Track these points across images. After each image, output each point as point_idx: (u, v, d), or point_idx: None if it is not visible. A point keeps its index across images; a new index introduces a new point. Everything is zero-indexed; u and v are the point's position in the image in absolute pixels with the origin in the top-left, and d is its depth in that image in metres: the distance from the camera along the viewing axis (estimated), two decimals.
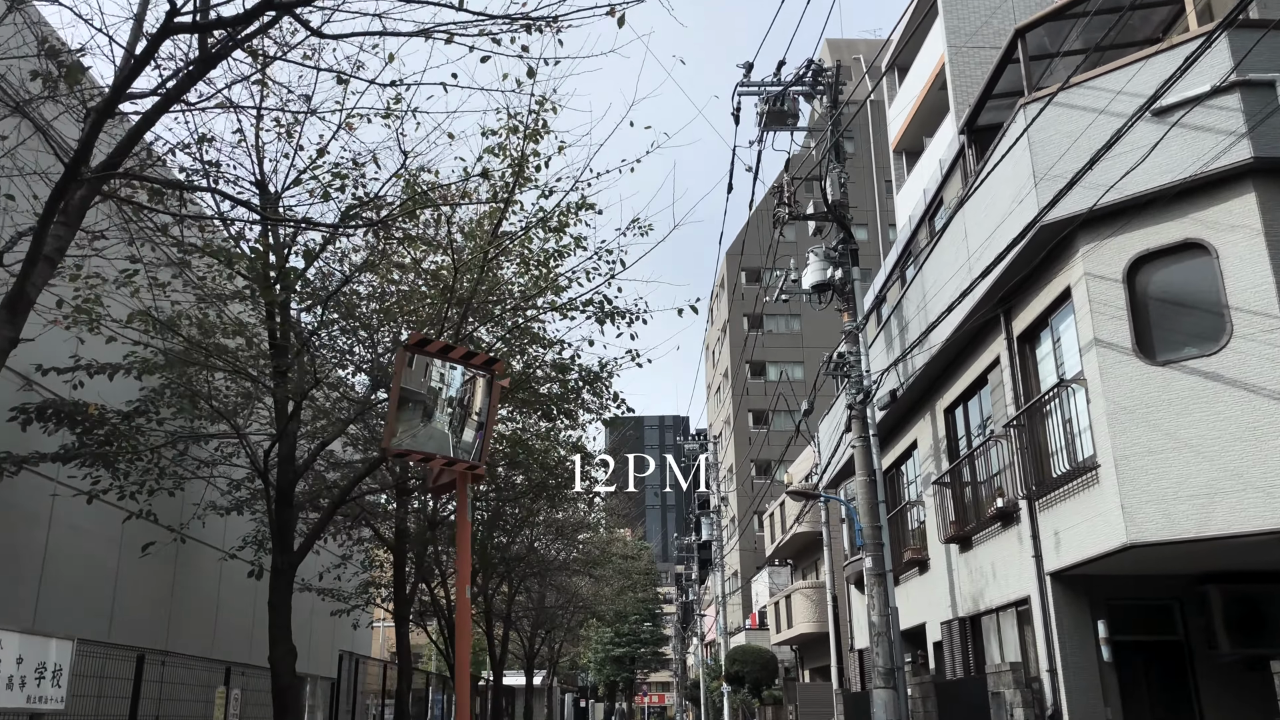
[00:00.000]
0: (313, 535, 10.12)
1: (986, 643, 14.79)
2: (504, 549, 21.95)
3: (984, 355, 14.37)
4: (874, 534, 15.63)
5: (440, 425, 5.73)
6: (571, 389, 11.42)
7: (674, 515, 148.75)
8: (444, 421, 5.76)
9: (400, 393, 5.43)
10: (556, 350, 11.08)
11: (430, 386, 5.66)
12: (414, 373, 5.57)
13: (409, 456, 5.57)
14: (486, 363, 5.86)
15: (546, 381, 11.83)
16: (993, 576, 14.13)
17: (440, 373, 5.71)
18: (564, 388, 11.52)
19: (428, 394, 5.64)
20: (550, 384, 11.69)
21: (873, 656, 15.29)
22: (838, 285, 17.05)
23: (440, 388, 5.74)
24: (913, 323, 16.40)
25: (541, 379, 11.62)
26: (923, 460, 17.62)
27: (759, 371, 63.66)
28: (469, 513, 5.85)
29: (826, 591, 24.30)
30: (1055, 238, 11.54)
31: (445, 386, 5.76)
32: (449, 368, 5.74)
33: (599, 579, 30.54)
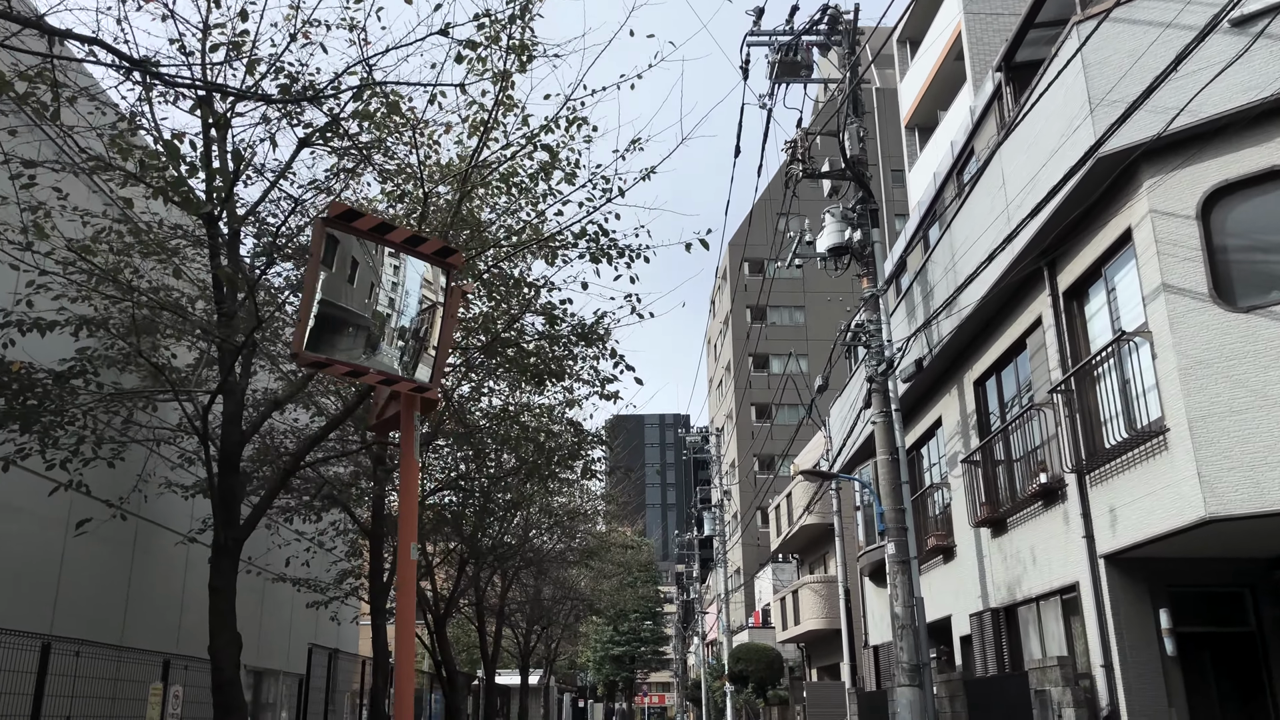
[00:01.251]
0: (261, 506, 8.71)
1: (1024, 636, 13.37)
2: (496, 539, 20.55)
3: (1022, 317, 12.95)
4: (897, 517, 14.23)
5: (376, 331, 4.32)
6: (562, 343, 9.99)
7: (674, 514, 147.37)
8: (381, 326, 4.35)
9: (318, 282, 4.02)
10: (544, 292, 9.63)
11: (361, 277, 4.25)
12: (340, 258, 4.16)
13: (330, 369, 4.14)
14: (441, 251, 4.45)
15: (534, 339, 10.41)
16: (1032, 562, 12.72)
17: (376, 261, 4.30)
18: (553, 343, 10.10)
19: (358, 286, 4.23)
20: (539, 340, 10.26)
21: (895, 652, 13.89)
22: (856, 248, 15.68)
23: (376, 280, 4.32)
24: (939, 287, 14.99)
25: (529, 337, 10.20)
26: (948, 439, 16.21)
27: (762, 364, 62.25)
28: (416, 450, 4.44)
29: (838, 585, 22.90)
30: (1113, 171, 10.12)
31: (383, 280, 4.35)
32: (388, 255, 4.33)
33: (598, 572, 29.09)
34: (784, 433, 54.26)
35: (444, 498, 16.41)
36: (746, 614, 53.24)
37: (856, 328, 15.78)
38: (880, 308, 15.23)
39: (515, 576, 24.82)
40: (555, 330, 9.87)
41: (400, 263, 4.43)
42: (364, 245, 4.26)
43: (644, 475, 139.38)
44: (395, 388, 4.39)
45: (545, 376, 10.46)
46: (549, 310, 9.60)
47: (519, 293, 9.49)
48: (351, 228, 4.15)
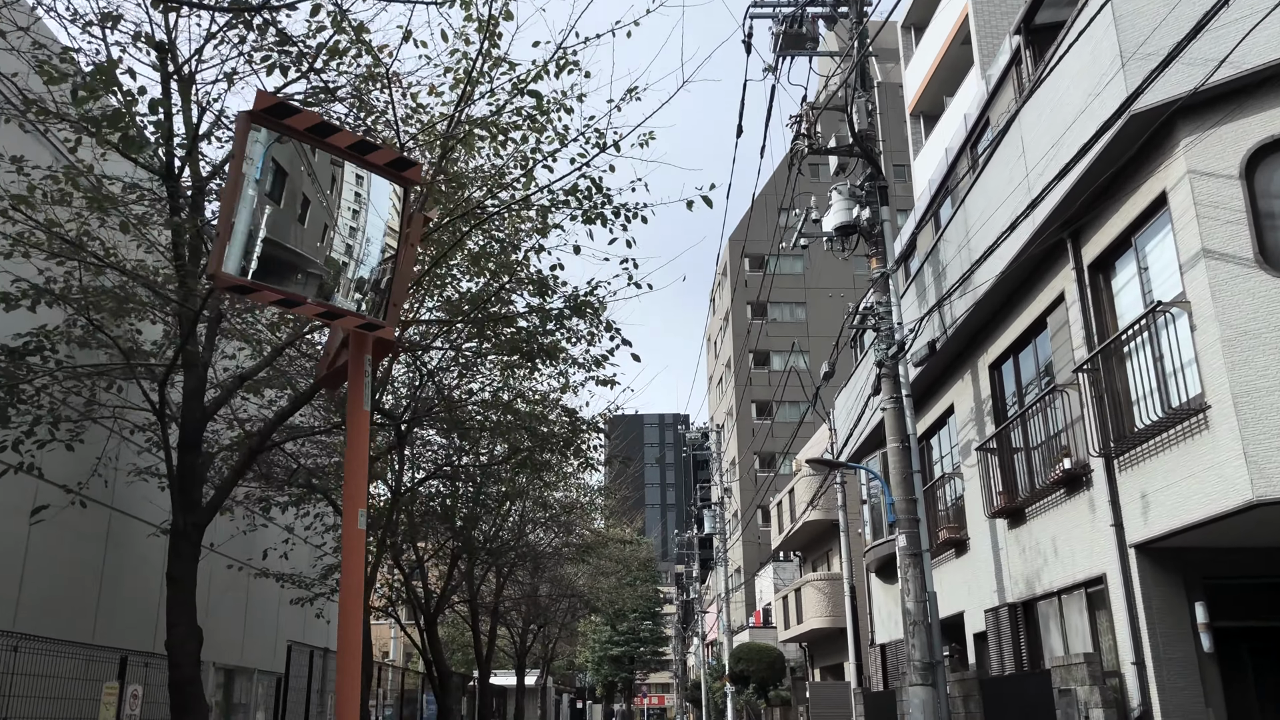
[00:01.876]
0: (225, 488, 7.98)
1: (1044, 632, 12.64)
2: (489, 534, 19.82)
3: (1042, 295, 12.23)
4: (908, 508, 13.53)
5: (317, 256, 3.59)
6: (554, 317, 9.25)
7: (674, 514, 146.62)
8: (325, 250, 3.62)
9: (240, 191, 3.30)
10: (534, 257, 8.89)
11: (297, 187, 3.52)
12: (272, 163, 3.44)
13: (257, 295, 3.41)
14: (396, 163, 3.72)
15: (524, 313, 9.68)
16: (1053, 554, 11.99)
17: (314, 169, 3.57)
18: (545, 318, 9.36)
19: (289, 197, 3.50)
20: (529, 314, 9.53)
21: (906, 649, 13.18)
22: (864, 227, 14.98)
23: (317, 194, 3.60)
24: (951, 266, 14.27)
25: (519, 311, 9.47)
26: (960, 427, 15.48)
27: (763, 361, 61.52)
28: (367, 396, 3.71)
29: (843, 582, 22.16)
30: (1147, 130, 9.39)
31: (325, 194, 3.62)
32: (330, 163, 3.60)
33: (595, 569, 28.33)
34: (785, 430, 53.55)
35: (433, 489, 15.69)
36: (747, 614, 52.51)
37: (865, 311, 15.08)
38: (890, 289, 14.55)
39: (511, 573, 24.09)
40: (546, 303, 9.15)
41: (349, 175, 3.71)
42: (303, 151, 3.54)
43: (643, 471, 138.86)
44: (340, 324, 3.66)
45: (537, 356, 9.73)
46: (539, 280, 8.87)
47: (506, 260, 8.76)
48: (283, 125, 3.42)
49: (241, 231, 3.36)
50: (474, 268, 8.78)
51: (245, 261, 3.37)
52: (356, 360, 3.73)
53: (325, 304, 3.56)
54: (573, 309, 9.07)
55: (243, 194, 3.33)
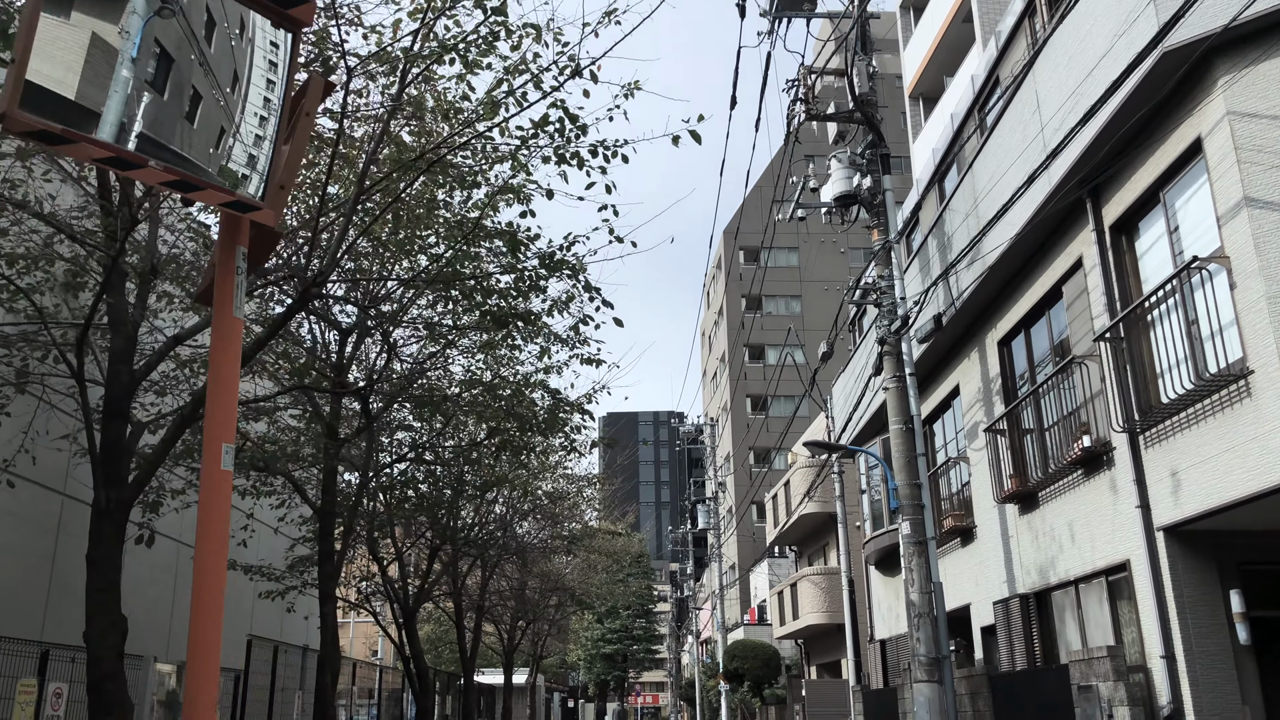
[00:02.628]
0: (155, 460, 7.08)
1: (1059, 625, 11.79)
2: (471, 523, 18.93)
3: (1057, 262, 11.37)
4: (912, 493, 12.69)
5: (166, 108, 2.71)
6: (528, 276, 8.37)
7: (668, 512, 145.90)
8: (179, 103, 2.74)
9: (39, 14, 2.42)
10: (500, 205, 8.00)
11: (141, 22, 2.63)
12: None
13: (74, 150, 2.51)
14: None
15: (495, 272, 8.80)
16: (1070, 540, 11.14)
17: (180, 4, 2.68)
18: (518, 278, 8.48)
19: (128, 29, 2.61)
20: (500, 274, 8.65)
21: (910, 644, 12.33)
22: (865, 196, 14.13)
23: (173, 27, 2.71)
24: (957, 235, 13.41)
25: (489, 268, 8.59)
26: (966, 409, 14.63)
27: (758, 355, 60.68)
28: (239, 301, 2.82)
29: (841, 576, 21.31)
30: (1180, 69, 8.53)
31: (186, 29, 2.73)
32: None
33: (586, 563, 27.48)
34: (780, 425, 52.66)
35: (408, 474, 14.80)
36: (742, 611, 51.68)
37: (865, 286, 14.23)
38: (892, 261, 13.71)
39: (497, 567, 23.20)
40: (519, 261, 8.26)
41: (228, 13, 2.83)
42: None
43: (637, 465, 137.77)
44: (198, 197, 2.77)
45: (510, 322, 8.85)
46: (509, 233, 7.98)
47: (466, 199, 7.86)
48: None
49: (56, 60, 2.48)
50: (433, 217, 7.90)
51: (60, 103, 2.49)
52: (225, 249, 2.85)
53: (177, 170, 2.67)
54: (548, 267, 8.18)
55: (39, 16, 2.44)
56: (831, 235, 62.61)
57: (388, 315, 11.73)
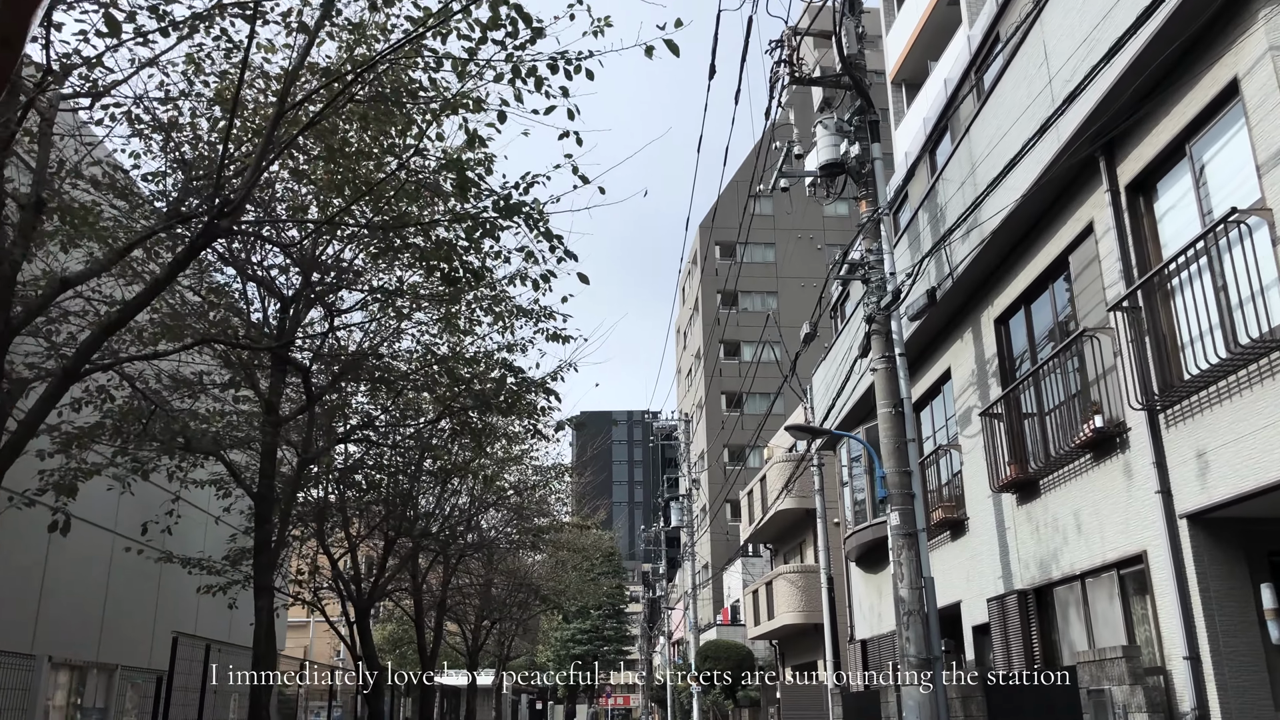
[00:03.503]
0: (30, 424, 6.00)
1: (1062, 623, 10.88)
2: (431, 515, 17.85)
3: (1064, 230, 10.47)
4: (902, 481, 11.76)
5: None
6: (482, 224, 7.34)
7: (641, 512, 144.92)
8: None
9: None
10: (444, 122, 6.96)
11: None
12: None
13: None
14: None
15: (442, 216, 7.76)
16: (1076, 531, 10.23)
17: None
18: (471, 228, 7.44)
19: None
20: (449, 221, 7.62)
21: (899, 643, 11.41)
22: (853, 165, 13.22)
23: None
24: (952, 205, 12.51)
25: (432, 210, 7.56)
26: (958, 394, 13.73)
27: (733, 351, 59.84)
28: None
29: (820, 573, 20.38)
30: (1214, 3, 7.63)
31: None
32: None
33: (555, 559, 26.41)
34: (755, 422, 51.82)
35: (358, 456, 13.72)
36: (714, 611, 50.80)
37: (852, 261, 13.29)
38: (882, 233, 12.80)
39: (460, 563, 22.10)
40: (466, 200, 7.23)
41: None
42: None
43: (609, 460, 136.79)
44: None
45: (461, 279, 7.83)
46: (457, 163, 6.93)
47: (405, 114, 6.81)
48: None
49: None
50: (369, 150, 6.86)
51: None
52: None
53: None
54: (503, 211, 7.16)
55: None
56: (809, 231, 61.92)
57: (331, 278, 10.67)
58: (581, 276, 7.85)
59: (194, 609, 17.59)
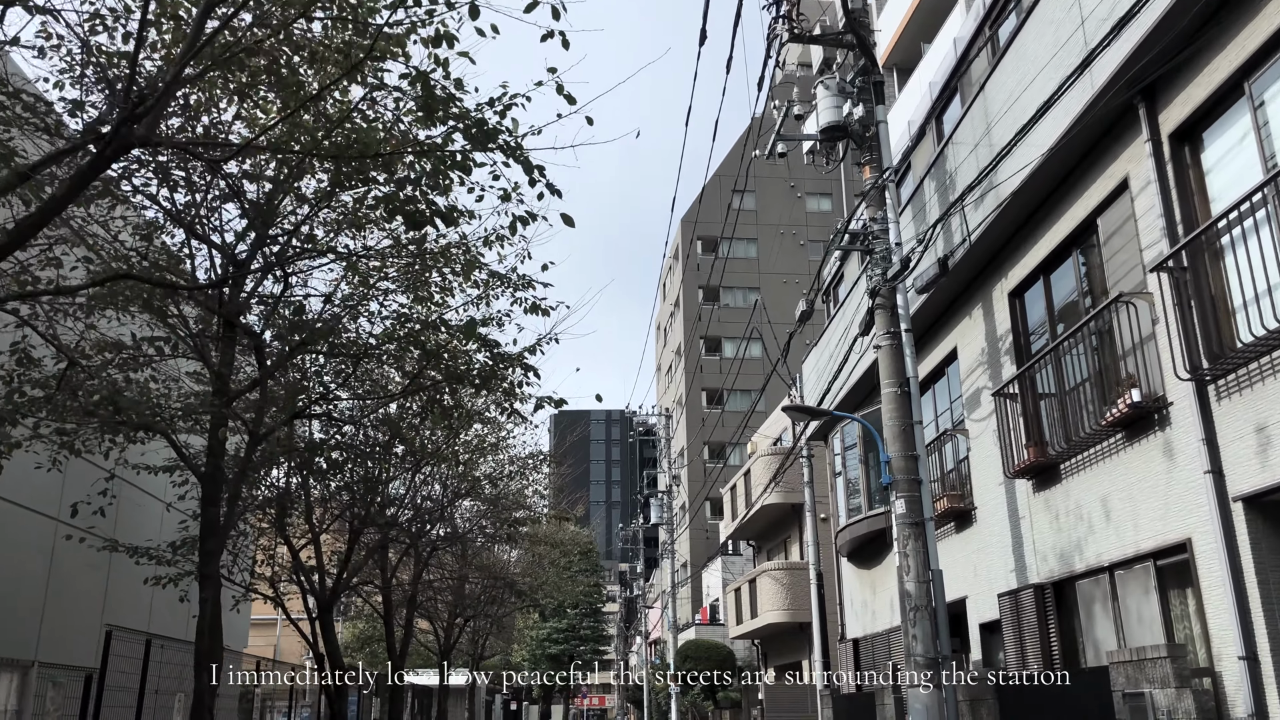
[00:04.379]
0: None
1: (1085, 620, 9.98)
2: (398, 503, 16.81)
3: (1093, 188, 9.57)
4: (908, 467, 10.86)
5: None
6: (449, 156, 6.35)
7: (618, 512, 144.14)
8: None
9: None
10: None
11: None
12: None
13: None
14: None
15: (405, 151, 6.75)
16: (1104, 518, 9.34)
17: None
18: (437, 160, 6.45)
19: None
20: (413, 150, 6.61)
21: (905, 642, 10.47)
22: (856, 129, 12.33)
23: None
24: (963, 171, 11.61)
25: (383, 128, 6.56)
26: (966, 374, 12.83)
27: (714, 348, 58.93)
28: None
29: (809, 569, 19.46)
30: None
31: None
32: None
33: (531, 554, 25.37)
34: (736, 420, 50.91)
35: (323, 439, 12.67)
36: (693, 611, 49.86)
37: (854, 231, 12.36)
38: (887, 201, 11.89)
39: (432, 557, 21.04)
40: (433, 122, 6.23)
41: None
42: None
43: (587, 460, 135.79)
44: None
45: (425, 217, 6.82)
46: (422, 76, 5.92)
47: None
48: None
49: None
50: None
51: None
52: None
53: None
54: (475, 137, 6.16)
55: None
56: (791, 227, 61.09)
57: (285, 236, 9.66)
58: (566, 219, 6.87)
59: (146, 604, 16.45)
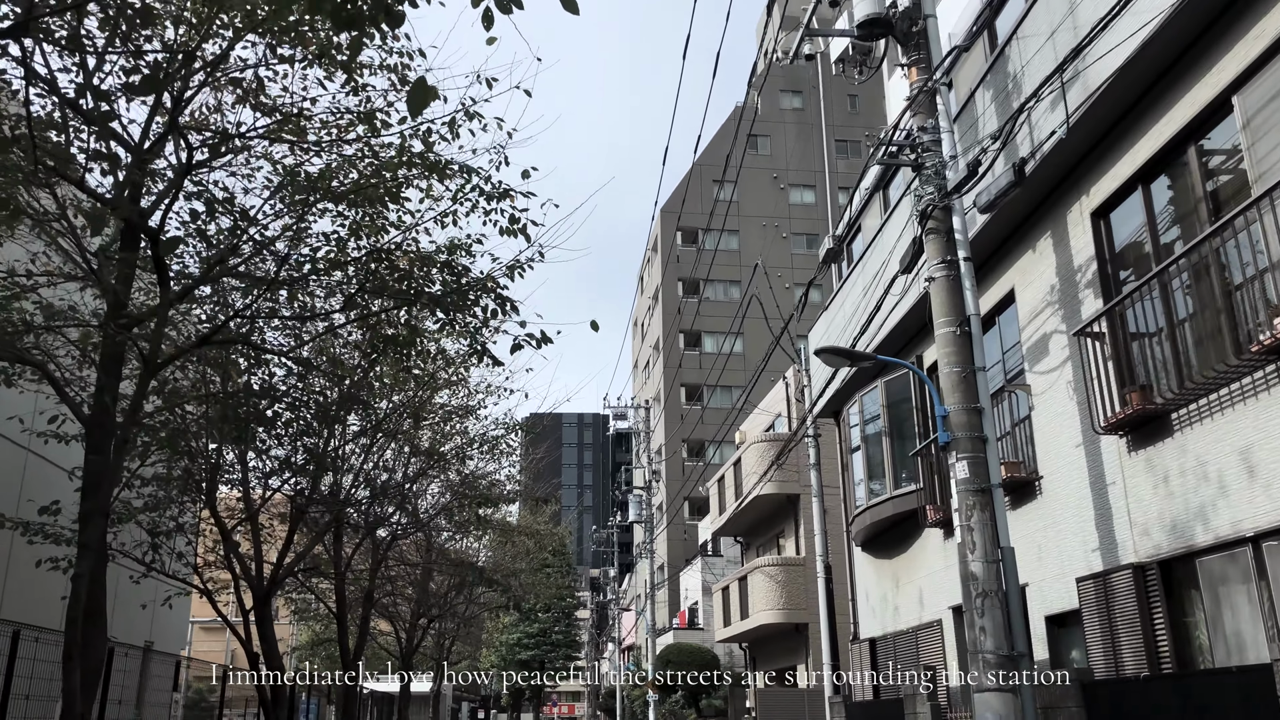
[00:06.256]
0: None
1: (1208, 607, 7.91)
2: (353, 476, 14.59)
3: (1227, 59, 7.55)
4: (970, 422, 8.93)
5: None
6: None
7: (590, 517, 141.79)
8: None
9: None
10: None
11: None
12: None
13: None
14: None
15: None
16: (1246, 477, 7.29)
17: None
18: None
19: None
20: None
21: (972, 635, 8.45)
22: (901, 23, 10.35)
23: None
24: (1032, 69, 9.58)
25: None
26: (1027, 320, 10.79)
27: (694, 342, 56.89)
28: None
29: (818, 561, 17.33)
30: None
31: None
32: None
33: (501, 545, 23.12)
34: (716, 417, 48.83)
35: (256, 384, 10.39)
36: (670, 614, 47.70)
37: (898, 144, 10.32)
38: (939, 108, 9.92)
39: (391, 546, 18.76)
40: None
41: None
42: None
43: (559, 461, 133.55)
44: None
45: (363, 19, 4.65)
46: None
47: None
48: None
49: None
50: None
51: None
52: None
53: None
54: None
55: None
56: (774, 219, 59.19)
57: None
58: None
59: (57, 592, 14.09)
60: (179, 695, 15.67)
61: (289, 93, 8.44)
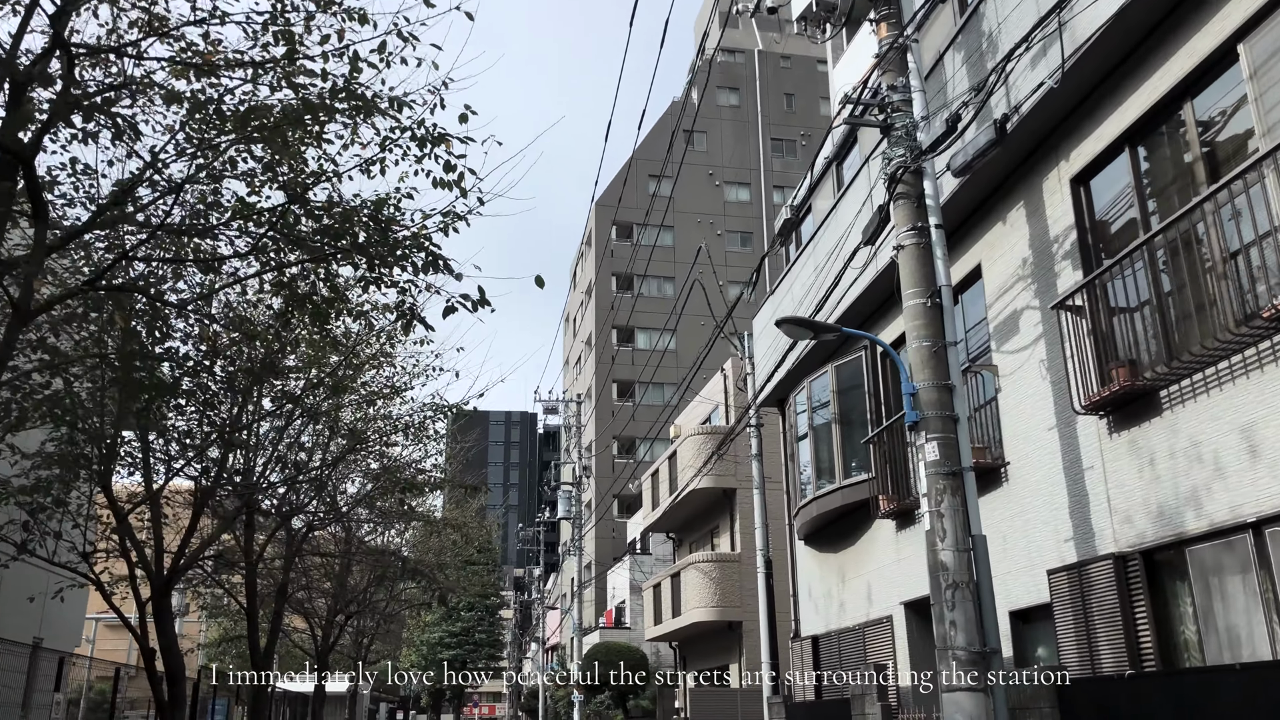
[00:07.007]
0: None
1: (1199, 599, 7.32)
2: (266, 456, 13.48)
3: (1233, 4, 6.97)
4: (940, 400, 8.34)
5: None
6: None
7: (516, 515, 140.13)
8: None
9: None
10: None
11: None
12: None
13: None
14: None
15: None
16: (1247, 457, 6.71)
17: None
18: None
19: None
20: None
21: (941, 630, 7.80)
22: None
23: None
24: (1010, 25, 8.97)
25: None
26: (994, 296, 10.20)
27: (627, 338, 56.09)
28: None
29: (758, 556, 16.63)
30: None
31: None
32: None
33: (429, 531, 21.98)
34: (648, 414, 48.05)
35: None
36: (597, 613, 46.83)
37: (865, 102, 9.65)
38: (910, 65, 9.28)
39: (306, 538, 17.60)
40: None
41: None
42: None
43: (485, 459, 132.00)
44: None
45: None
46: None
47: None
48: None
49: None
50: None
51: None
52: None
53: None
54: None
55: None
56: (709, 216, 58.72)
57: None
58: None
59: None
60: (60, 696, 14.33)
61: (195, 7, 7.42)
